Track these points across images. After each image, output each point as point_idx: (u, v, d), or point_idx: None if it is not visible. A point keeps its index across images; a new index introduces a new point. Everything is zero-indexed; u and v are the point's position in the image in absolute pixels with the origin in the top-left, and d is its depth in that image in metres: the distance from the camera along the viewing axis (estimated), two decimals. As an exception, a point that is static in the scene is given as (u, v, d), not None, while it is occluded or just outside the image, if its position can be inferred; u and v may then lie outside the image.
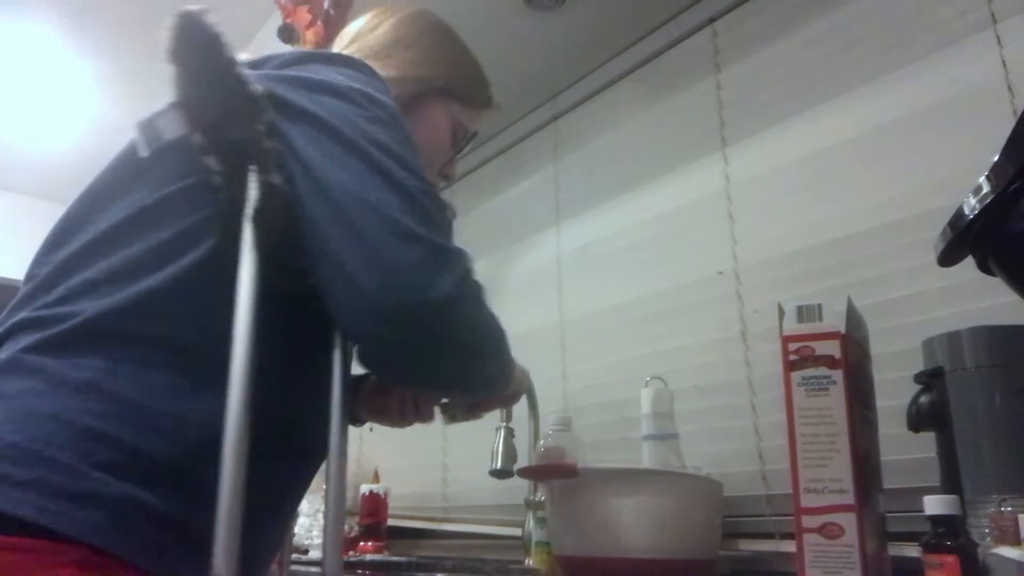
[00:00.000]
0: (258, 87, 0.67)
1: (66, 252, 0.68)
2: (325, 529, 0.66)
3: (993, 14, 1.09)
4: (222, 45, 0.67)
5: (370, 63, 0.80)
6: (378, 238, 0.62)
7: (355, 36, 0.94)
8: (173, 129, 0.69)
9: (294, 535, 1.76)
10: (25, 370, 0.61)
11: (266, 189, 0.66)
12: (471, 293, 0.66)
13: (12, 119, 2.29)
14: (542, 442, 1.23)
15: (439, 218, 0.66)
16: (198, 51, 0.67)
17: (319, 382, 0.70)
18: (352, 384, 1.01)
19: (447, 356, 0.66)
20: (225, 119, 0.67)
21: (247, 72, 0.67)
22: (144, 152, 0.69)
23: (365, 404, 0.97)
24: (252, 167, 0.66)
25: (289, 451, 0.71)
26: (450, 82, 0.94)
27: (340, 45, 0.94)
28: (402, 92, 0.83)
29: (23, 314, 0.66)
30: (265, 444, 0.61)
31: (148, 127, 0.69)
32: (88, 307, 0.63)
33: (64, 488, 0.55)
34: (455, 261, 0.64)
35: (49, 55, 1.97)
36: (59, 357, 0.61)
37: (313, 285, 0.66)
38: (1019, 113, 0.73)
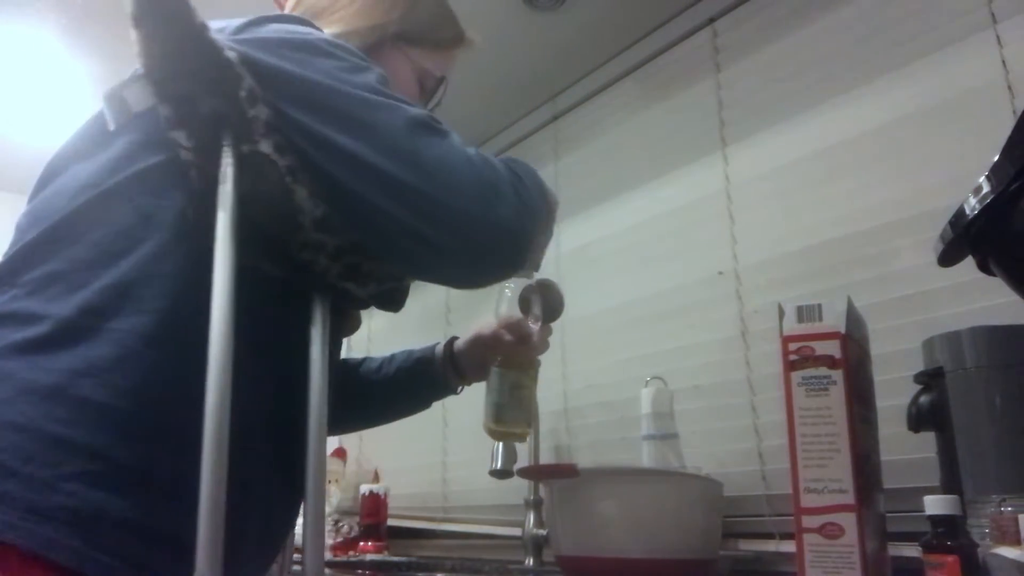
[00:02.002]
0: (231, 53, 0.62)
1: (30, 238, 0.64)
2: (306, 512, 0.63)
3: (993, 14, 1.09)
4: (191, 9, 0.61)
5: (317, 23, 0.75)
6: (421, 178, 0.62)
7: None
8: (140, 100, 0.64)
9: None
10: None
11: (253, 160, 0.62)
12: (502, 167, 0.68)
13: (10, 119, 2.29)
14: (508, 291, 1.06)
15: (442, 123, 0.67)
16: (165, 16, 0.61)
17: (299, 367, 0.66)
18: (448, 351, 1.03)
19: (527, 216, 0.68)
20: (197, 89, 0.62)
21: (219, 38, 0.62)
22: (112, 126, 0.65)
23: (467, 359, 1.00)
24: (231, 139, 0.62)
25: (267, 446, 0.67)
26: (406, 28, 0.87)
27: (288, 7, 0.87)
28: (354, 46, 0.79)
29: None
30: (241, 439, 0.59)
31: (114, 98, 0.64)
32: (56, 304, 0.60)
33: (32, 503, 0.52)
34: (476, 158, 0.65)
35: (48, 55, 1.97)
36: (27, 360, 0.58)
37: (294, 262, 0.64)
38: (1019, 113, 0.73)
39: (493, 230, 0.64)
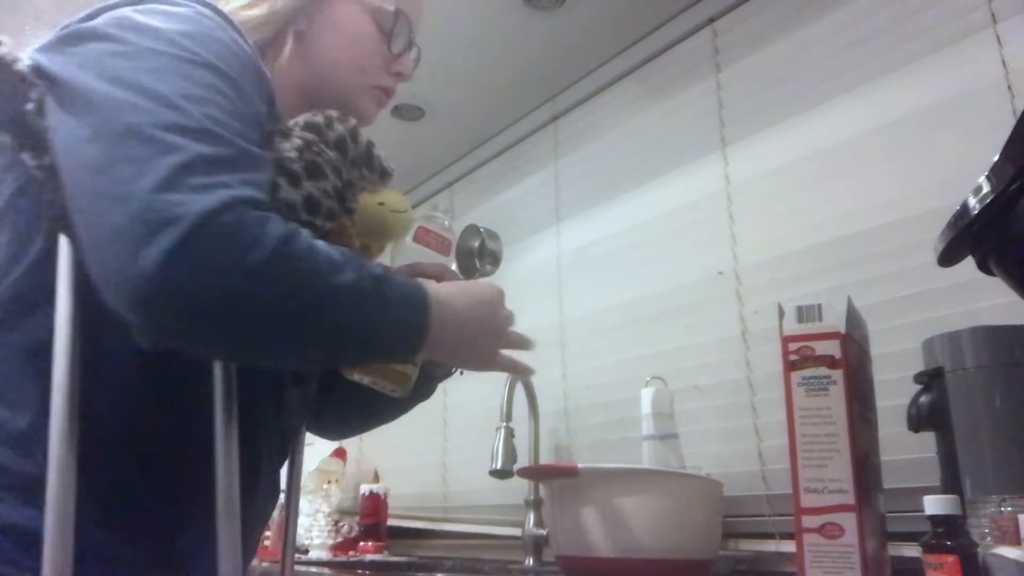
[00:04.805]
0: (25, 62, 0.59)
1: None
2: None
3: (993, 14, 1.09)
4: None
5: None
6: (95, 208, 0.53)
7: None
8: None
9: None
10: None
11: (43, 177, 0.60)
12: (210, 243, 0.51)
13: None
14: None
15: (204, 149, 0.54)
16: None
17: (183, 371, 0.64)
18: None
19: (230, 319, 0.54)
20: (17, 109, 0.60)
21: (10, 50, 0.60)
22: None
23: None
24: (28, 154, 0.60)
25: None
26: None
27: None
28: (289, 4, 0.75)
29: None
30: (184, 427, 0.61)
31: None
32: None
33: None
34: (173, 210, 0.50)
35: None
36: None
37: None
38: (1019, 113, 0.73)
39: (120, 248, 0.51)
